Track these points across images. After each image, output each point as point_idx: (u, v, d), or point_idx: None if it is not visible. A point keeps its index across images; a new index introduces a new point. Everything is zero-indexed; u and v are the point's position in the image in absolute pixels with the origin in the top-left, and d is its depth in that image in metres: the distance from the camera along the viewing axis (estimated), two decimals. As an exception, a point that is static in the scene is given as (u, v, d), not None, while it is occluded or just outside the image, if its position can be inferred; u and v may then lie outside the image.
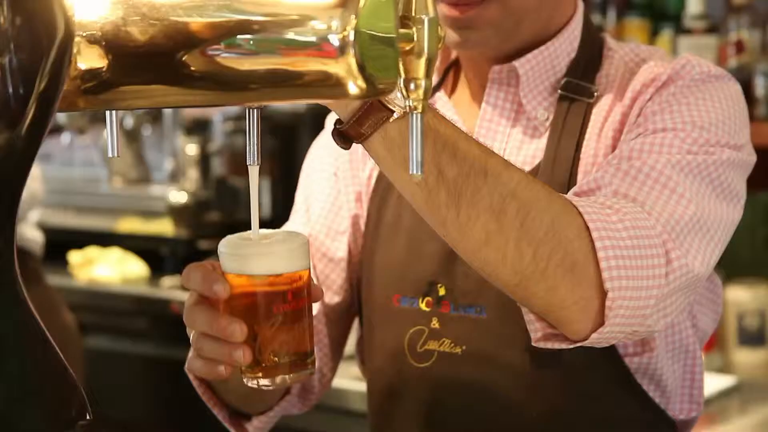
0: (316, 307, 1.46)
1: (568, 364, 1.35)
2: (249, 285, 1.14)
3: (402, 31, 0.96)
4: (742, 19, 2.91)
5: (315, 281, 1.50)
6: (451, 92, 1.49)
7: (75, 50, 0.97)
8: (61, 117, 3.69)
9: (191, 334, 1.20)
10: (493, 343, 1.37)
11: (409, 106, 0.99)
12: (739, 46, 2.90)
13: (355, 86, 0.93)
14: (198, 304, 1.17)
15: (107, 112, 1.10)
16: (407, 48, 0.97)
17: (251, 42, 0.95)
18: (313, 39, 0.92)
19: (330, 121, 1.58)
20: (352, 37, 0.91)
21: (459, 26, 1.35)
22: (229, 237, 1.18)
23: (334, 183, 1.52)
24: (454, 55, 1.49)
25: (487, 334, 1.37)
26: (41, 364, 0.86)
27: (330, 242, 1.50)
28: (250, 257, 1.14)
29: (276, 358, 1.15)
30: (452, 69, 1.50)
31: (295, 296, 1.14)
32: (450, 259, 1.39)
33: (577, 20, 1.43)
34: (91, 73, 0.98)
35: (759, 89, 2.85)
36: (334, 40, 0.91)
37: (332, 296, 1.50)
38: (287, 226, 1.55)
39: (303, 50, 0.93)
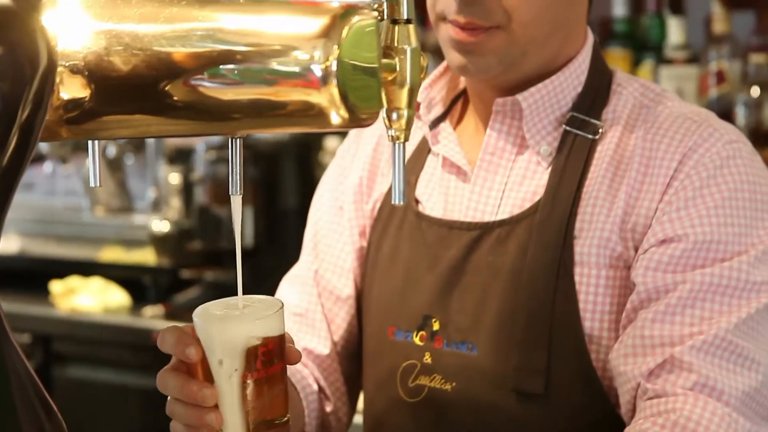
0: (327, 349, 1.46)
1: (556, 406, 1.34)
2: None
3: (385, 61, 0.97)
4: (723, 49, 2.93)
5: (325, 320, 1.50)
6: (457, 123, 1.49)
7: (58, 80, 0.97)
8: (43, 146, 3.69)
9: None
10: (482, 381, 1.36)
11: (392, 135, 0.99)
12: (720, 77, 2.92)
13: (337, 116, 0.93)
14: (171, 369, 1.17)
15: (90, 142, 1.09)
16: (390, 78, 0.98)
17: (234, 72, 0.95)
18: (295, 69, 0.93)
19: (340, 152, 1.58)
20: (334, 67, 0.92)
21: (464, 50, 1.35)
22: (204, 305, 1.17)
23: (339, 219, 1.52)
24: (462, 86, 1.49)
25: (476, 373, 1.36)
26: (24, 397, 0.85)
27: (336, 280, 1.51)
28: (218, 328, 1.14)
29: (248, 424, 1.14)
30: (459, 100, 1.49)
31: (264, 364, 1.14)
32: (445, 292, 1.39)
33: (585, 53, 1.42)
34: (74, 103, 0.98)
35: (740, 119, 2.87)
36: (317, 70, 0.92)
37: (342, 334, 1.50)
38: (298, 265, 1.55)
39: (286, 80, 0.94)
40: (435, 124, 1.47)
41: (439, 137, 1.46)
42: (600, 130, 1.38)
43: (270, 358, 1.14)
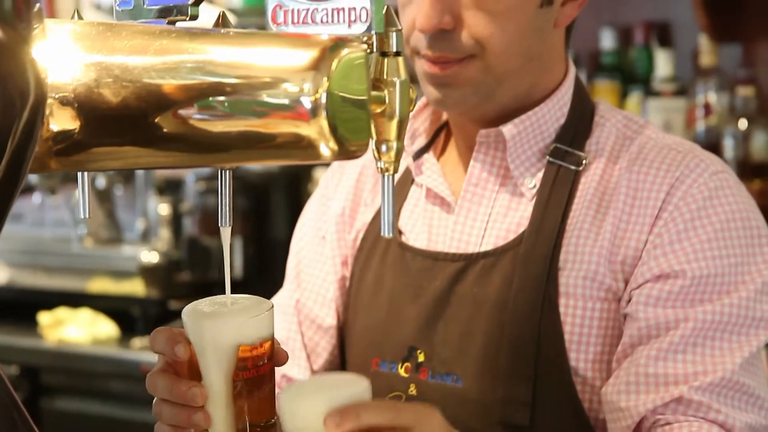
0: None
1: None
2: None
3: (374, 93, 0.97)
4: (710, 82, 2.94)
5: (304, 349, 1.49)
6: (441, 154, 1.49)
7: (48, 112, 0.97)
8: (32, 177, 3.68)
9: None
10: (468, 413, 1.36)
11: (381, 167, 1.00)
12: (708, 109, 2.93)
13: (327, 148, 0.94)
14: (160, 370, 1.17)
15: (79, 173, 1.09)
16: (379, 110, 0.98)
17: (224, 104, 0.95)
18: (285, 101, 0.93)
19: (323, 182, 1.58)
20: (324, 100, 0.92)
21: (438, 83, 1.36)
22: (193, 303, 1.17)
23: (322, 248, 1.52)
24: (444, 117, 1.49)
25: (462, 404, 1.36)
26: (11, 427, 0.85)
27: (318, 309, 1.50)
28: (208, 326, 1.14)
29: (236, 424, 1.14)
30: (443, 131, 1.50)
31: (255, 364, 1.14)
32: (430, 324, 1.39)
33: (567, 85, 1.43)
34: (64, 135, 0.99)
35: (728, 151, 2.88)
36: (307, 102, 0.92)
37: (322, 364, 1.50)
38: (280, 294, 1.55)
39: (275, 112, 0.94)
40: (418, 155, 1.47)
41: (422, 168, 1.47)
42: (584, 162, 1.39)
43: (260, 357, 1.14)
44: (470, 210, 1.42)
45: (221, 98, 0.95)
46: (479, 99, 1.37)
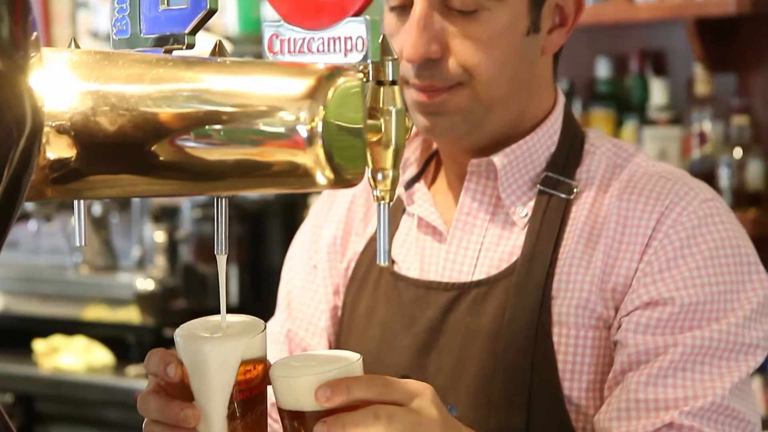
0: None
1: None
2: None
3: (370, 121, 0.97)
4: (705, 110, 2.95)
5: None
6: (432, 183, 1.49)
7: (44, 140, 0.97)
8: (27, 204, 3.68)
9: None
10: None
11: (377, 196, 1.00)
12: (702, 138, 2.94)
13: (323, 176, 0.94)
14: (152, 392, 1.16)
15: (75, 201, 1.09)
16: (375, 139, 0.98)
17: (220, 132, 0.95)
18: (281, 130, 0.93)
19: (314, 211, 1.58)
20: (320, 128, 0.92)
21: (427, 112, 1.36)
22: (186, 324, 1.17)
23: (313, 277, 1.52)
24: (435, 146, 1.50)
25: None
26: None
27: (310, 338, 1.50)
28: (202, 348, 1.14)
29: None
30: (433, 160, 1.50)
31: (248, 386, 1.14)
32: (423, 353, 1.39)
33: (556, 114, 1.43)
34: (60, 163, 0.99)
35: (723, 180, 2.88)
36: (303, 131, 0.92)
37: None
38: (271, 323, 1.55)
39: (271, 141, 0.94)
40: (410, 184, 1.47)
41: (414, 197, 1.47)
42: (575, 190, 1.39)
43: (254, 379, 1.14)
44: (462, 239, 1.42)
45: (217, 127, 0.95)
46: (468, 127, 1.37)
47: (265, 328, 1.16)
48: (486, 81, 1.34)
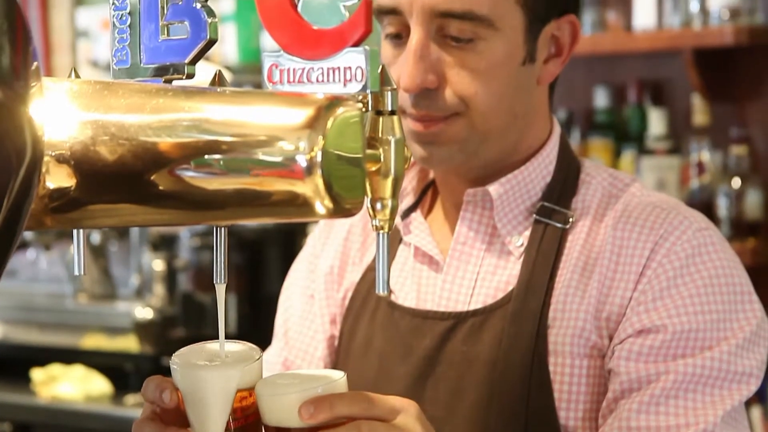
0: None
1: None
2: None
3: (369, 151, 0.97)
4: (703, 140, 2.96)
5: None
6: (428, 212, 1.49)
7: (44, 169, 0.97)
8: (26, 233, 3.68)
9: None
10: None
11: (376, 225, 1.00)
12: (701, 168, 2.95)
13: (322, 206, 0.94)
14: (147, 419, 1.16)
15: (74, 230, 1.09)
16: (374, 168, 0.98)
17: (220, 162, 0.95)
18: (280, 159, 0.93)
19: (311, 240, 1.58)
20: (319, 158, 0.92)
21: (424, 141, 1.36)
22: (182, 351, 1.17)
23: (310, 307, 1.52)
24: (431, 175, 1.50)
25: None
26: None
27: (307, 367, 1.50)
28: (199, 376, 1.14)
29: None
30: (429, 189, 1.50)
31: (244, 413, 1.14)
32: (419, 383, 1.38)
33: (552, 144, 1.43)
34: (59, 192, 0.99)
35: (721, 210, 2.89)
36: (302, 160, 0.92)
37: None
38: (268, 352, 1.55)
39: (271, 170, 0.94)
40: (406, 213, 1.48)
41: (410, 227, 1.47)
42: (570, 220, 1.39)
43: (250, 407, 1.14)
44: (459, 268, 1.42)
45: (217, 156, 0.96)
46: (464, 156, 1.38)
47: (261, 355, 1.16)
48: (482, 111, 1.34)
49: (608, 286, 1.34)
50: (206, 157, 0.96)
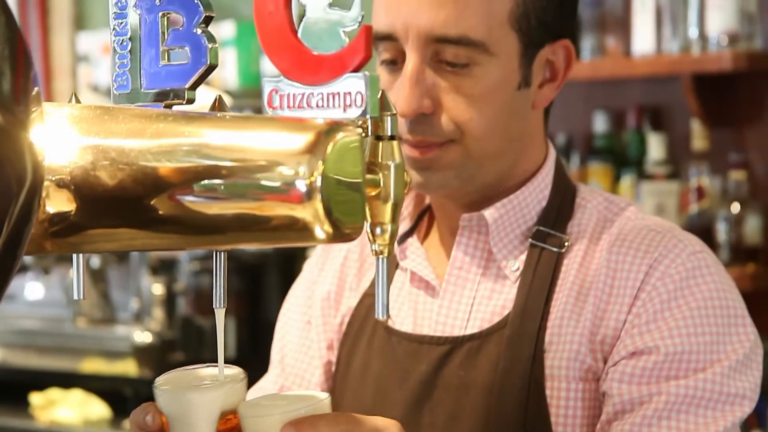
0: None
1: None
2: None
3: (369, 176, 0.98)
4: (703, 165, 2.97)
5: None
6: (424, 238, 1.49)
7: (44, 194, 0.97)
8: (26, 257, 3.68)
9: None
10: None
11: (375, 250, 1.00)
12: (700, 193, 2.95)
13: (321, 231, 0.94)
14: None
15: (74, 255, 1.10)
16: (374, 193, 0.99)
17: (219, 187, 0.96)
18: (280, 184, 0.94)
19: (308, 266, 1.59)
20: (319, 183, 0.93)
21: (420, 167, 1.36)
22: (166, 375, 1.17)
23: (307, 333, 1.52)
24: (427, 201, 1.50)
25: None
26: None
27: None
28: (182, 397, 1.14)
29: None
30: (426, 215, 1.51)
31: None
32: (416, 408, 1.38)
33: (547, 169, 1.44)
34: (59, 217, 0.99)
35: (721, 235, 2.89)
36: (302, 185, 0.93)
37: None
38: (264, 379, 1.54)
39: (271, 195, 0.94)
40: (402, 239, 1.48)
41: (406, 252, 1.47)
42: (566, 243, 1.39)
43: (234, 427, 1.14)
44: (455, 293, 1.42)
45: (217, 181, 0.96)
46: (460, 182, 1.38)
47: (244, 377, 1.16)
48: (478, 136, 1.35)
49: (603, 309, 1.35)
50: (206, 181, 0.96)
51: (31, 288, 4.09)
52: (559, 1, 1.39)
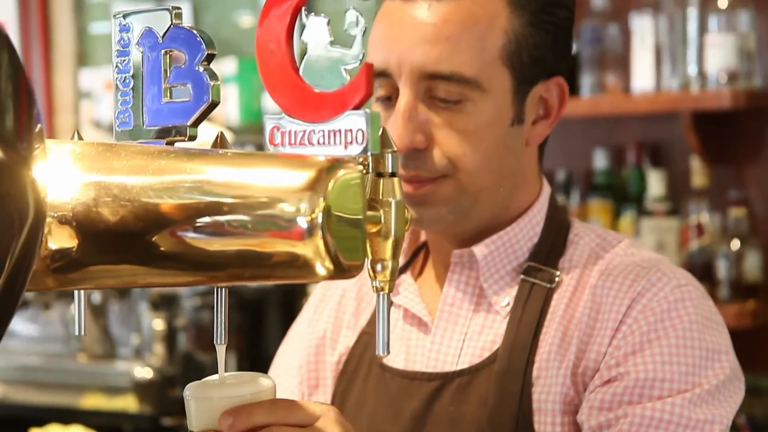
0: None
1: None
2: None
3: (369, 213, 0.98)
4: (702, 202, 2.97)
5: None
6: (419, 274, 1.50)
7: (46, 230, 0.97)
8: (27, 293, 3.68)
9: None
10: None
11: (376, 287, 1.00)
12: (700, 229, 2.95)
13: (322, 267, 0.94)
14: None
15: (76, 291, 1.10)
16: (374, 230, 0.99)
17: (221, 223, 0.96)
18: (281, 221, 0.94)
19: (306, 308, 1.59)
20: (320, 220, 0.93)
21: (414, 203, 1.37)
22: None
23: (297, 375, 1.52)
24: (423, 238, 1.51)
25: None
26: None
27: None
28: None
29: None
30: (421, 251, 1.51)
31: None
32: (410, 445, 1.39)
33: (540, 204, 1.44)
34: (61, 253, 0.99)
35: (720, 272, 2.89)
36: (303, 222, 0.93)
37: None
38: None
39: (272, 232, 0.95)
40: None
41: (399, 289, 1.47)
42: (556, 279, 1.40)
43: None
44: (447, 329, 1.43)
45: (218, 218, 0.96)
46: (455, 217, 1.39)
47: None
48: (471, 171, 1.36)
49: (586, 342, 1.35)
50: (207, 218, 0.96)
51: (31, 323, 4.09)
52: (553, 38, 1.39)
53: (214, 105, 1.04)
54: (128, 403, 3.49)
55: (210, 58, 1.03)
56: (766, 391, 2.84)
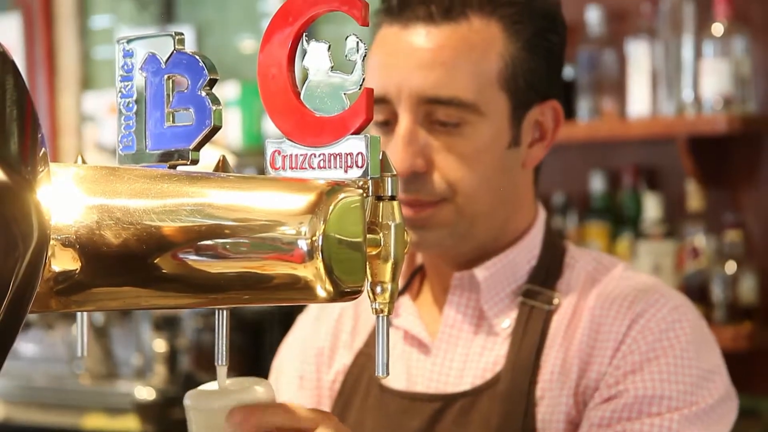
0: None
1: None
2: None
3: (369, 236, 0.99)
4: (698, 225, 2.98)
5: None
6: (417, 296, 1.51)
7: (49, 253, 0.98)
8: (31, 314, 3.68)
9: None
10: None
11: (376, 309, 1.02)
12: (696, 252, 2.96)
13: (323, 290, 0.95)
14: None
15: (78, 313, 1.11)
16: (374, 252, 1.00)
17: (222, 246, 0.97)
18: (282, 244, 0.95)
19: (301, 320, 1.60)
20: (320, 242, 0.94)
21: (414, 226, 1.38)
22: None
23: (298, 388, 1.53)
24: (419, 260, 1.52)
25: None
26: None
27: None
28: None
29: None
30: (418, 274, 1.52)
31: None
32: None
33: (537, 228, 1.46)
34: (64, 275, 1.00)
35: (716, 294, 2.90)
36: (303, 245, 0.94)
37: None
38: None
39: (272, 254, 0.96)
40: None
41: (399, 310, 1.49)
42: (554, 301, 1.42)
43: None
44: (447, 351, 1.44)
45: (220, 240, 0.97)
46: (454, 240, 1.40)
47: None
48: (469, 195, 1.37)
49: (585, 361, 1.37)
50: (209, 241, 0.97)
51: (33, 344, 4.09)
52: (547, 63, 1.42)
53: (216, 129, 1.05)
54: (130, 424, 3.49)
55: (212, 83, 1.05)
56: (762, 413, 2.84)
